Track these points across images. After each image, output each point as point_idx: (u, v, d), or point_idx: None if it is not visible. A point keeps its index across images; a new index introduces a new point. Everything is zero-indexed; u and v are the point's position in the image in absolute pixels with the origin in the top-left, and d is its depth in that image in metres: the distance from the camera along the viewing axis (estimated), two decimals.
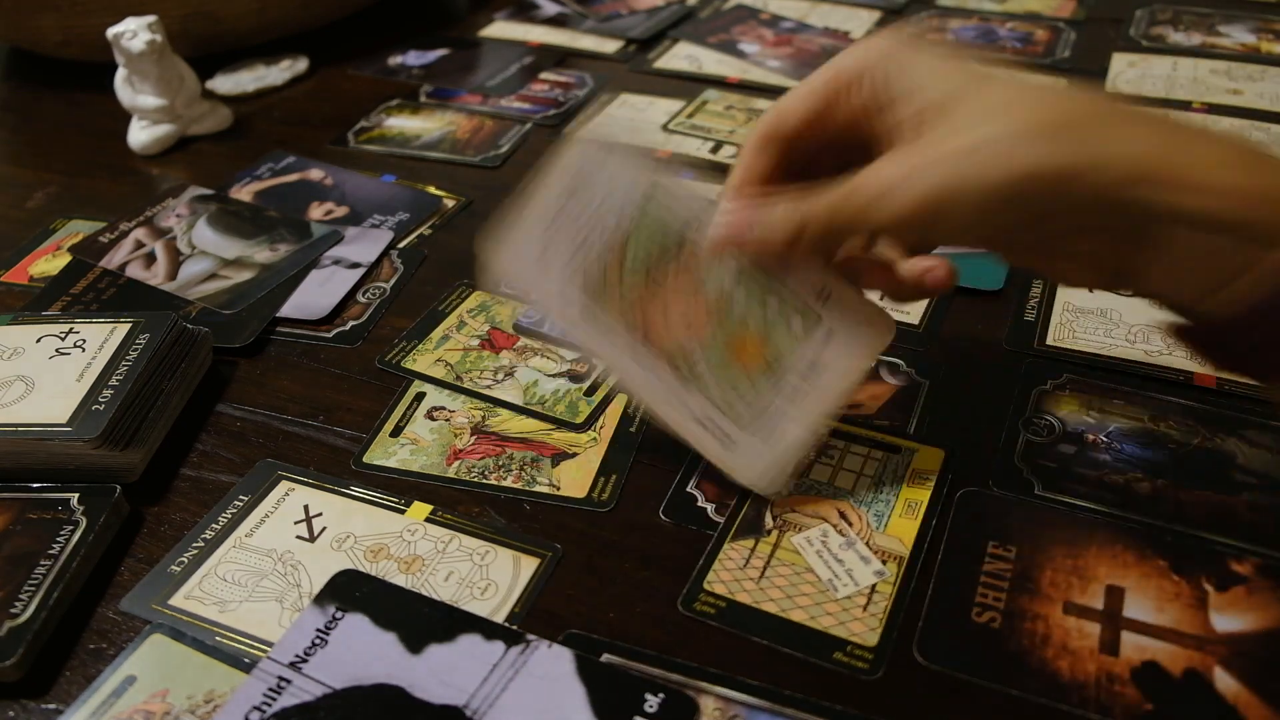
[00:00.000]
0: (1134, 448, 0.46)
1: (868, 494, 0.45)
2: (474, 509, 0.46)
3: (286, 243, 0.64)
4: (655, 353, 0.42)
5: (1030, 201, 0.35)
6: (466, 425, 0.50)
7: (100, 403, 0.47)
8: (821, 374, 0.41)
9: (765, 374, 0.41)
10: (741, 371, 0.41)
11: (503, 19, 0.97)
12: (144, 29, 0.72)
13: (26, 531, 0.44)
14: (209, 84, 0.85)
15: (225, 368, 0.55)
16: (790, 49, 0.87)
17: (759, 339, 0.41)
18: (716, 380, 0.42)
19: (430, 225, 0.67)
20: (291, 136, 0.79)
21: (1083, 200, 0.34)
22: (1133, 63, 0.81)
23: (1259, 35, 0.84)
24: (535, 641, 0.39)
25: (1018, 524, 0.43)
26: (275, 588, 0.42)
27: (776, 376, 0.41)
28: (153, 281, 0.62)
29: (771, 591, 0.41)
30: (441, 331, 0.56)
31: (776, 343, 0.41)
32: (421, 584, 0.42)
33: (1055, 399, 0.49)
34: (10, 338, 0.51)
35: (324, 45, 0.91)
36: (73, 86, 0.89)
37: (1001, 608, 0.40)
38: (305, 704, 0.37)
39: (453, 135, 0.77)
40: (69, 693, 0.39)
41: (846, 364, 0.41)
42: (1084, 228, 0.36)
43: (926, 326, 0.55)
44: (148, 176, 0.75)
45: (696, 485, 0.46)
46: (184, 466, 0.49)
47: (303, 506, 0.46)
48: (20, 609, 0.40)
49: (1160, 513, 0.43)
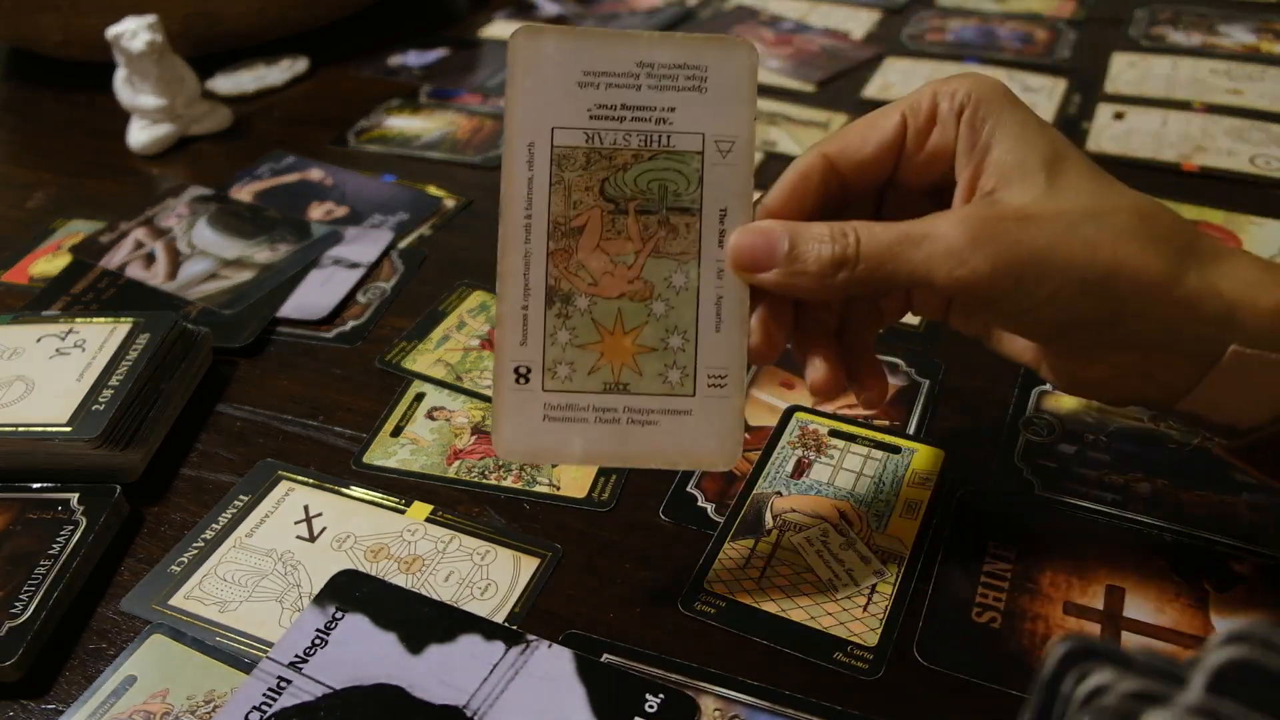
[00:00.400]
0: (1134, 448, 0.46)
1: (868, 494, 0.45)
2: (474, 509, 0.46)
3: (286, 243, 0.64)
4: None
5: (1113, 299, 0.33)
6: (466, 425, 0.50)
7: (100, 403, 0.47)
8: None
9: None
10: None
11: (503, 19, 0.97)
12: (144, 29, 0.72)
13: (26, 531, 0.44)
14: (209, 84, 0.85)
15: (225, 368, 0.55)
16: (790, 49, 0.87)
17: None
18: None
19: (430, 225, 0.67)
20: (291, 136, 0.79)
21: (1168, 317, 0.33)
22: (1133, 63, 0.81)
23: (1259, 35, 0.84)
24: (535, 641, 0.39)
25: (1018, 524, 0.43)
26: (275, 588, 0.42)
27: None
28: (153, 281, 0.62)
29: (771, 591, 0.41)
30: (441, 331, 0.56)
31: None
32: (421, 584, 0.42)
33: (1055, 399, 0.49)
34: (10, 338, 0.51)
35: (324, 45, 0.91)
36: (73, 86, 0.89)
37: (1001, 608, 0.40)
38: (305, 704, 0.37)
39: (453, 135, 0.77)
40: (69, 693, 0.39)
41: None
42: (1151, 343, 0.34)
43: (927, 326, 0.55)
44: (148, 176, 0.75)
45: (697, 485, 0.46)
46: (184, 466, 0.49)
47: (303, 506, 0.46)
48: (20, 609, 0.40)
49: (1160, 513, 0.43)
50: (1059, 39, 0.86)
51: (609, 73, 0.38)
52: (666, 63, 0.38)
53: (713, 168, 0.38)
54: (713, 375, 0.38)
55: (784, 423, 0.49)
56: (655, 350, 0.38)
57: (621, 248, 0.38)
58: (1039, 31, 0.87)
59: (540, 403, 0.38)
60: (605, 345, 0.38)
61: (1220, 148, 0.69)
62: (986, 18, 0.90)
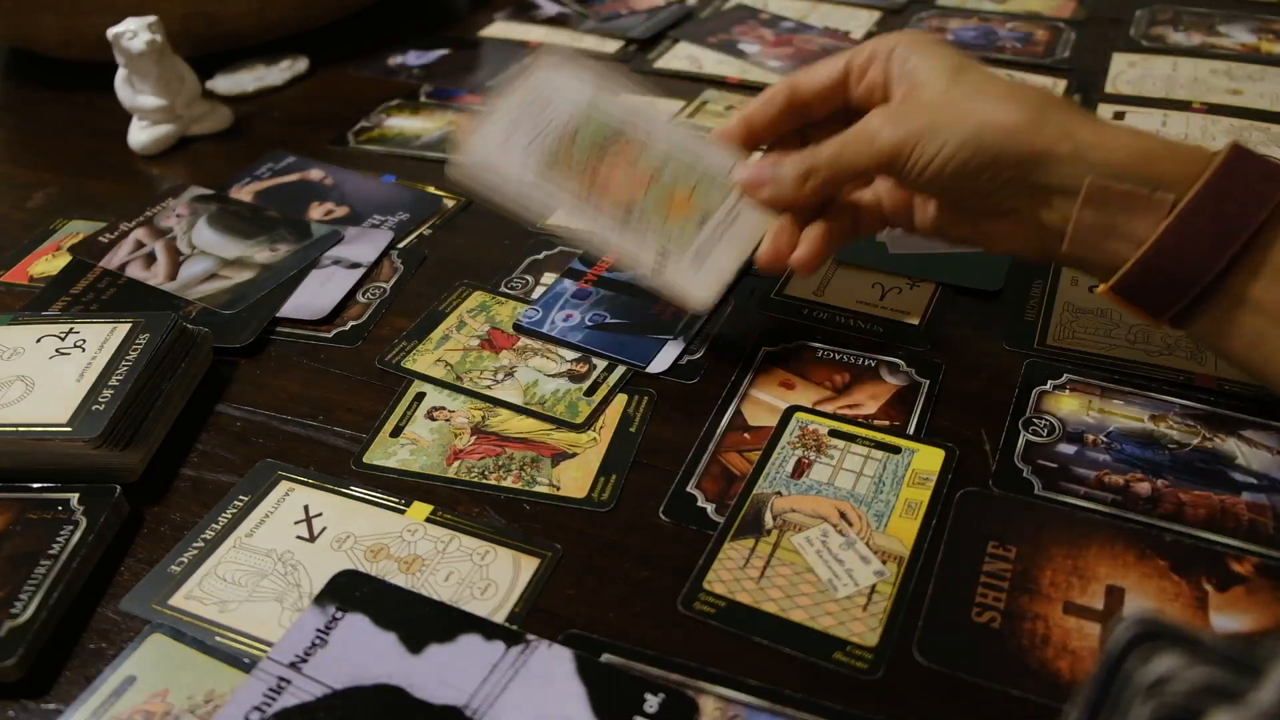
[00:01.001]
0: (1134, 448, 0.46)
1: (868, 494, 0.45)
2: (474, 509, 0.46)
3: (286, 243, 0.64)
4: (601, 203, 0.51)
5: (986, 149, 0.42)
6: (466, 425, 0.50)
7: (100, 403, 0.47)
8: (739, 221, 0.51)
9: (694, 220, 0.51)
10: (675, 219, 0.51)
11: (503, 19, 0.97)
12: (144, 29, 0.72)
13: (26, 531, 0.44)
14: (209, 84, 0.85)
15: (225, 368, 0.55)
16: (790, 49, 0.87)
17: (686, 197, 0.51)
18: (655, 223, 0.51)
19: (430, 225, 0.67)
20: (291, 136, 0.79)
21: (1031, 157, 0.42)
22: (1133, 63, 0.81)
23: (1259, 35, 0.84)
24: (535, 641, 0.39)
25: (1018, 524, 0.43)
26: (275, 588, 0.42)
27: (703, 222, 0.51)
28: (153, 281, 0.62)
29: (771, 591, 0.41)
30: (441, 331, 0.56)
31: (700, 199, 0.51)
32: (421, 584, 0.42)
33: (1055, 399, 0.49)
34: (10, 338, 0.51)
35: (324, 45, 0.91)
36: (73, 86, 0.89)
37: (1001, 608, 0.40)
38: (305, 704, 0.37)
39: (453, 135, 0.77)
40: (69, 693, 0.39)
41: (759, 214, 0.50)
42: (1024, 183, 0.43)
43: (927, 326, 0.55)
44: (148, 176, 0.75)
45: (697, 485, 0.46)
46: (184, 466, 0.49)
47: (303, 506, 0.46)
48: (20, 609, 0.40)
49: (1160, 513, 0.43)
50: (1059, 39, 0.86)
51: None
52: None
53: (604, 112, 0.53)
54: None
55: (784, 423, 0.49)
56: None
57: (621, 163, 0.52)
58: (1039, 31, 0.87)
59: (689, 264, 0.50)
60: (671, 205, 0.51)
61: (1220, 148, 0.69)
62: (986, 17, 0.90)
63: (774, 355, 0.53)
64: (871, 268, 0.59)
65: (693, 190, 0.51)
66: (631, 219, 0.50)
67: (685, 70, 0.84)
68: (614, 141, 0.52)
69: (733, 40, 0.89)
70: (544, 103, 0.53)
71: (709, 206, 0.51)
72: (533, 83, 0.54)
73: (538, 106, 0.53)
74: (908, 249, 0.60)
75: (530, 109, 0.53)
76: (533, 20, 0.95)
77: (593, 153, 0.52)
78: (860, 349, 0.53)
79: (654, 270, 0.50)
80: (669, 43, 0.89)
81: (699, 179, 0.51)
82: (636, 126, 0.52)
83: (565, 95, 0.53)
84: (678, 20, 0.93)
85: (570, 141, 0.52)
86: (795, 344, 0.54)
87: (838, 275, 0.59)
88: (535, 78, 0.54)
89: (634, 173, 0.51)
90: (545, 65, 0.54)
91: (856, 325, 0.55)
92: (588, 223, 0.51)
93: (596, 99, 0.53)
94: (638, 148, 0.52)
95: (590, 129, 0.52)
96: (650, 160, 0.52)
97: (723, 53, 0.86)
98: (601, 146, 0.52)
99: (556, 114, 0.52)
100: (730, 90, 0.81)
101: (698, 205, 0.51)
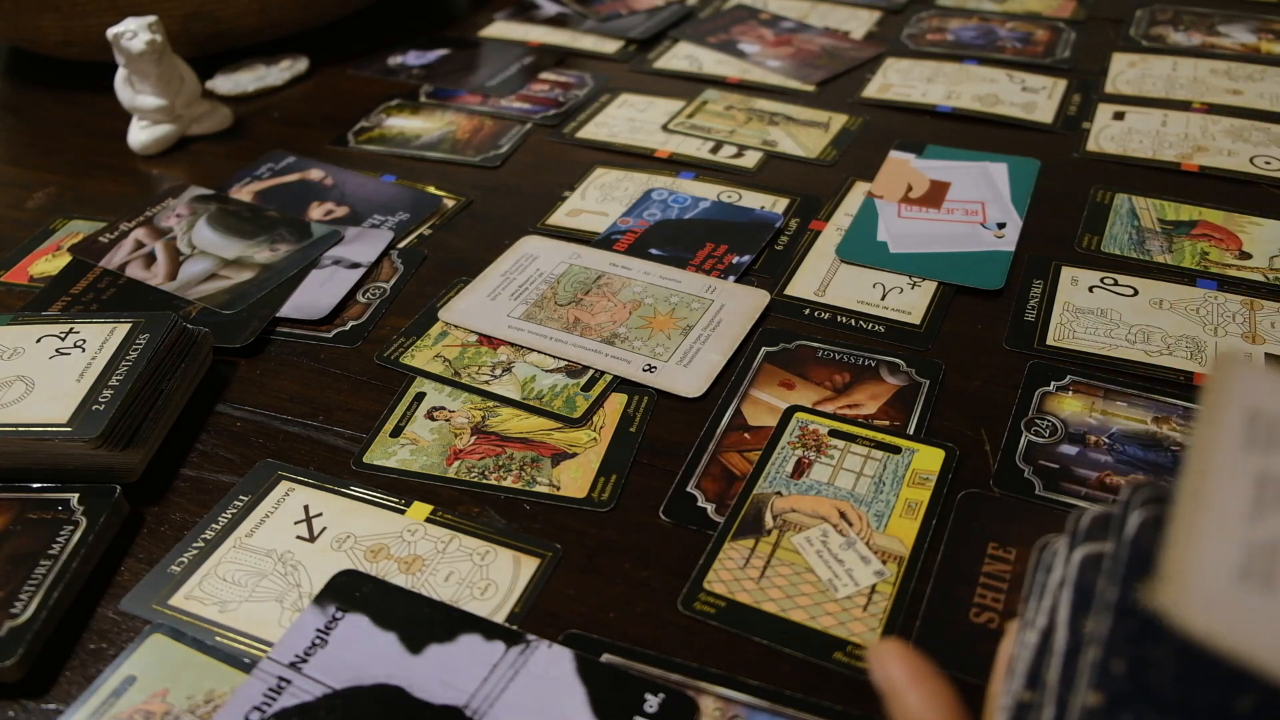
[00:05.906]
0: (1136, 449, 0.46)
1: (868, 494, 0.45)
2: (474, 509, 0.46)
3: (286, 243, 0.64)
4: (586, 337, 0.54)
5: None
6: (466, 425, 0.50)
7: (100, 403, 0.47)
8: (722, 325, 0.55)
9: (678, 333, 0.54)
10: (659, 334, 0.54)
11: (503, 19, 0.97)
12: (144, 29, 0.72)
13: (26, 531, 0.44)
14: (209, 84, 0.85)
15: (225, 368, 0.55)
16: (790, 49, 0.87)
17: (669, 316, 0.55)
18: (640, 341, 0.53)
19: (430, 225, 0.67)
20: (291, 136, 0.79)
21: None
22: (1133, 63, 0.81)
23: (1259, 35, 0.84)
24: (535, 641, 0.39)
25: (1018, 525, 0.43)
26: (275, 588, 0.42)
27: (686, 332, 0.54)
28: (153, 281, 0.62)
29: (771, 591, 0.41)
30: (440, 327, 0.56)
31: (683, 316, 0.55)
32: (421, 584, 0.42)
33: (1057, 400, 0.49)
34: (10, 338, 0.51)
35: (324, 45, 0.91)
36: (73, 86, 0.89)
37: (1000, 608, 0.40)
38: (305, 704, 0.37)
39: (453, 135, 0.77)
40: (69, 693, 0.39)
41: (740, 317, 0.55)
42: None
43: (927, 326, 0.55)
44: (148, 176, 0.75)
45: (697, 485, 0.46)
46: (184, 466, 0.49)
47: (303, 507, 0.46)
48: (20, 609, 0.40)
49: None
50: (1059, 39, 0.86)
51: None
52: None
53: (576, 270, 0.60)
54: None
55: (784, 423, 0.49)
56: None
57: (601, 302, 0.57)
58: (1039, 31, 0.87)
59: (677, 366, 0.53)
60: (655, 325, 0.55)
61: (1220, 148, 0.69)
62: (986, 18, 0.90)
63: (774, 355, 0.53)
64: (872, 267, 0.59)
65: (673, 311, 0.55)
66: (614, 340, 0.53)
67: (685, 70, 0.84)
68: (590, 289, 0.58)
69: (732, 40, 0.89)
70: (520, 269, 0.60)
71: (688, 319, 0.55)
72: (511, 259, 0.61)
73: (516, 274, 0.60)
74: (908, 248, 0.60)
75: (511, 279, 0.60)
76: (532, 20, 0.95)
77: (572, 299, 0.57)
78: (860, 349, 0.53)
79: (644, 378, 0.52)
80: (669, 43, 0.89)
81: (678, 300, 0.56)
82: (609, 279, 0.57)
83: (541, 264, 0.60)
84: (678, 20, 0.93)
85: (551, 293, 0.58)
86: (795, 344, 0.54)
87: (838, 275, 0.59)
88: (512, 256, 0.61)
89: (614, 307, 0.56)
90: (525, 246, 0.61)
91: (857, 325, 0.55)
92: (567, 353, 0.54)
93: (569, 264, 0.59)
94: (612, 288, 0.57)
95: (566, 283, 0.58)
96: (629, 294, 0.57)
97: (722, 53, 0.86)
98: (578, 295, 0.57)
99: (534, 279, 0.59)
100: (730, 90, 0.81)
101: (680, 320, 0.55)
